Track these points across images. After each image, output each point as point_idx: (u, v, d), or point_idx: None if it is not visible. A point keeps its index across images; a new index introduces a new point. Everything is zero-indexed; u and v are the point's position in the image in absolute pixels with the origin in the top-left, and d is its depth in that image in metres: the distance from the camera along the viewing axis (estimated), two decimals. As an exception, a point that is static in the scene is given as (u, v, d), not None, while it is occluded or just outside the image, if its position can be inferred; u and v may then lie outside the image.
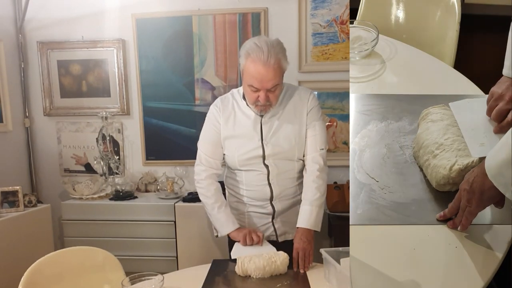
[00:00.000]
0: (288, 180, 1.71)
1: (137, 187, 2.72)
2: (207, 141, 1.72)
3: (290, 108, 1.68)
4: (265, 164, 1.67)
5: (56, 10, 2.69)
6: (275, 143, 1.66)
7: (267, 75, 1.54)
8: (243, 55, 1.59)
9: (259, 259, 1.50)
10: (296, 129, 1.67)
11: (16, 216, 2.36)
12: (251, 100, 1.61)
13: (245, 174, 1.71)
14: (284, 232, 1.75)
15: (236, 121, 1.69)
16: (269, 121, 1.67)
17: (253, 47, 1.55)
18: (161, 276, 1.37)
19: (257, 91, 1.57)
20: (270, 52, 1.53)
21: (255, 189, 1.71)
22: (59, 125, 2.80)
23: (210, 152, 1.72)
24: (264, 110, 1.62)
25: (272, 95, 1.59)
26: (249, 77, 1.56)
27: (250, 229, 1.69)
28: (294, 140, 1.66)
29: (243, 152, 1.67)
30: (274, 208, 1.71)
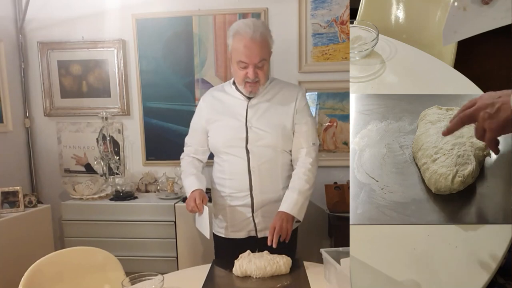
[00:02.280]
0: (269, 172, 1.73)
1: (137, 187, 2.72)
2: (190, 130, 1.86)
3: (278, 98, 1.75)
4: (247, 150, 1.70)
5: (57, 10, 2.70)
6: (259, 127, 1.70)
7: (255, 49, 1.63)
8: (231, 34, 1.68)
9: (260, 260, 1.50)
10: (282, 119, 1.72)
11: (16, 216, 2.36)
12: (240, 78, 1.68)
13: (227, 162, 1.75)
14: (264, 227, 1.75)
15: (223, 105, 1.77)
16: (255, 105, 1.73)
17: (241, 25, 1.67)
18: (161, 276, 1.37)
19: (246, 67, 1.65)
20: (256, 28, 1.65)
21: (236, 178, 1.74)
22: (59, 125, 2.80)
23: (191, 139, 1.85)
24: (253, 89, 1.69)
25: (261, 72, 1.67)
26: (238, 53, 1.65)
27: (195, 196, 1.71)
28: (279, 128, 1.71)
29: (227, 134, 1.73)
30: (253, 200, 1.73)
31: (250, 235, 1.77)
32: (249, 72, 1.65)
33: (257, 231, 1.77)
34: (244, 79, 1.67)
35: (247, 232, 1.77)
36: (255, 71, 1.65)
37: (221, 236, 1.82)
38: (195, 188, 1.73)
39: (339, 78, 2.51)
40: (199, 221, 1.75)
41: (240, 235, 1.78)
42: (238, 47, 1.65)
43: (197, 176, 1.78)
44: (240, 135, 1.71)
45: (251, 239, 1.77)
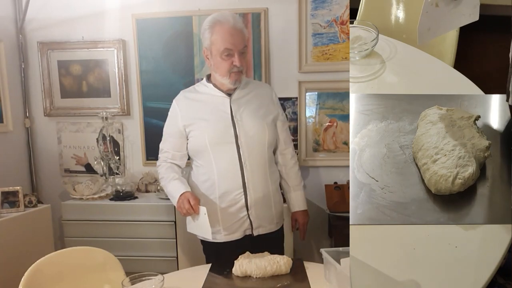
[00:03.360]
0: (259, 166, 1.74)
1: (138, 187, 2.72)
2: (166, 135, 1.85)
3: (255, 94, 1.79)
4: (237, 145, 1.70)
5: (57, 10, 2.69)
6: (246, 121, 1.72)
7: (238, 35, 1.67)
8: (209, 27, 1.68)
9: (260, 260, 1.50)
10: (265, 113, 1.76)
11: (16, 216, 2.35)
12: (225, 69, 1.68)
13: (215, 161, 1.71)
14: (259, 225, 1.76)
15: (202, 104, 1.76)
16: (237, 100, 1.74)
17: (219, 15, 1.70)
18: (161, 276, 1.37)
19: (231, 55, 1.66)
20: (235, 17, 1.71)
21: (228, 176, 1.71)
22: (59, 125, 2.80)
23: (167, 145, 1.83)
24: (238, 79, 1.70)
25: (244, 60, 1.70)
26: (222, 41, 1.66)
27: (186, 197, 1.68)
28: (264, 120, 1.75)
29: (214, 131, 1.71)
30: (247, 197, 1.71)
31: (246, 234, 1.76)
32: (235, 60, 1.66)
33: (253, 229, 1.75)
34: (230, 69, 1.67)
35: (242, 232, 1.75)
36: (240, 58, 1.67)
37: (214, 242, 1.76)
38: (183, 190, 1.69)
39: (339, 78, 2.51)
40: (196, 225, 1.70)
41: (235, 236, 1.75)
42: (221, 36, 1.66)
43: (181, 180, 1.75)
44: (228, 131, 1.70)
45: (246, 239, 1.75)
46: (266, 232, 1.77)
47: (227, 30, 1.65)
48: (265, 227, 1.77)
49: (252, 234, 1.76)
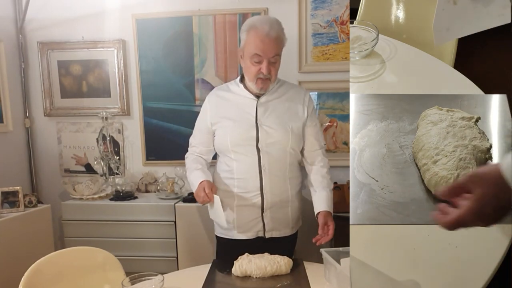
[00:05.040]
0: (279, 171, 1.73)
1: (137, 187, 2.72)
2: (195, 130, 1.85)
3: (286, 98, 1.77)
4: (257, 148, 1.69)
5: (57, 10, 2.69)
6: (269, 125, 1.70)
7: (270, 43, 1.64)
8: (247, 29, 1.68)
9: (260, 260, 1.50)
10: (291, 118, 1.73)
11: (16, 216, 2.36)
12: (252, 74, 1.67)
13: (236, 162, 1.72)
14: (272, 228, 1.75)
15: (230, 104, 1.76)
16: (264, 103, 1.73)
17: (257, 20, 1.69)
18: (161, 276, 1.37)
19: (260, 62, 1.65)
20: (273, 25, 1.67)
21: (246, 177, 1.72)
22: (59, 125, 2.80)
23: (196, 139, 1.83)
24: (264, 85, 1.69)
25: (273, 68, 1.68)
26: (253, 46, 1.65)
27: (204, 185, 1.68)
28: (289, 126, 1.72)
29: (237, 133, 1.71)
30: (263, 199, 1.71)
31: (258, 236, 1.75)
32: (262, 67, 1.65)
33: (265, 231, 1.75)
34: (257, 75, 1.67)
35: (255, 232, 1.75)
36: (269, 67, 1.66)
37: (226, 238, 1.79)
38: (202, 179, 1.70)
39: (339, 78, 2.51)
40: (212, 211, 1.73)
41: (247, 235, 1.75)
42: (253, 41, 1.65)
43: (203, 170, 1.77)
44: (250, 133, 1.69)
45: (259, 240, 1.75)
46: (279, 236, 1.77)
47: (260, 36, 1.64)
48: (279, 231, 1.76)
49: (264, 236, 1.75)
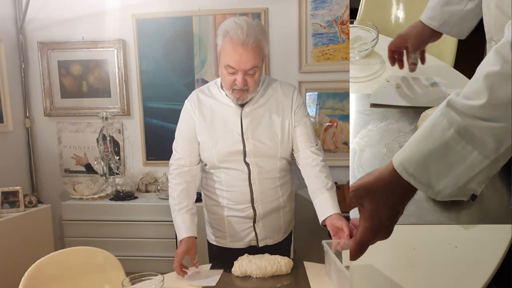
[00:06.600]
0: (270, 181, 1.62)
1: (138, 187, 2.72)
2: (180, 138, 1.64)
3: (272, 102, 1.59)
4: (246, 162, 1.57)
5: (57, 10, 2.70)
6: (256, 139, 1.56)
7: (246, 55, 1.44)
8: (221, 34, 1.48)
9: (260, 260, 1.50)
10: (279, 125, 1.58)
11: (16, 217, 2.36)
12: (227, 84, 1.50)
13: (224, 174, 1.60)
14: (265, 237, 1.67)
15: (213, 113, 1.58)
16: (249, 114, 1.56)
17: (232, 25, 1.45)
18: (161, 276, 1.37)
19: (234, 73, 1.46)
20: (250, 31, 1.43)
21: (235, 190, 1.60)
22: (59, 125, 2.80)
23: (183, 150, 1.62)
24: (241, 97, 1.51)
25: (251, 80, 1.48)
26: (227, 57, 1.46)
27: (187, 254, 1.51)
28: (278, 136, 1.58)
29: (221, 146, 1.56)
30: (255, 211, 1.62)
31: (251, 245, 1.68)
32: (237, 79, 1.46)
33: (258, 240, 1.68)
34: (232, 86, 1.49)
35: (247, 242, 1.67)
36: (244, 79, 1.47)
37: (219, 246, 1.70)
38: (184, 235, 1.52)
39: (339, 78, 2.51)
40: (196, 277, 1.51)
41: (240, 244, 1.68)
42: (227, 49, 1.46)
43: (191, 212, 1.58)
44: (237, 148, 1.55)
45: (252, 249, 1.67)
46: (273, 244, 1.70)
47: (234, 47, 1.43)
48: (272, 238, 1.69)
49: (257, 246, 1.68)
